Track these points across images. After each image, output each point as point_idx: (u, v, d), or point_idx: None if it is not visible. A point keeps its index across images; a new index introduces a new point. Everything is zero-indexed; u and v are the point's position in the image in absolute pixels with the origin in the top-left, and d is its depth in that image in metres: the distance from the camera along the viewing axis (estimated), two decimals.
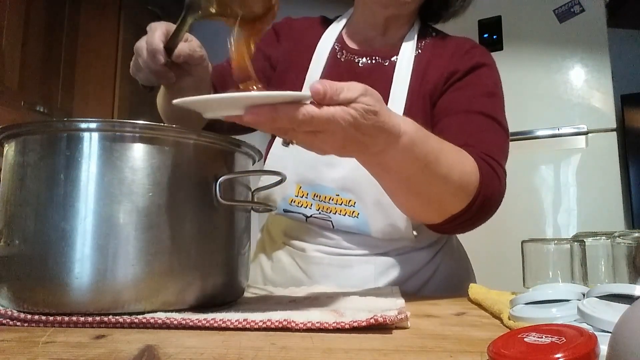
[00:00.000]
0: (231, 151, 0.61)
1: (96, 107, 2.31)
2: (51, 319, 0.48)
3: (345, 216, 0.81)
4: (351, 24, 0.94)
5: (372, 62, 0.88)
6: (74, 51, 2.27)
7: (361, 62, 0.88)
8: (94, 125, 0.51)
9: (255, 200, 0.68)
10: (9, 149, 0.55)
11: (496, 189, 0.72)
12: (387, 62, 0.88)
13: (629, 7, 2.43)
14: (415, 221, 0.81)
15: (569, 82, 2.07)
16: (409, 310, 0.51)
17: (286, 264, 0.87)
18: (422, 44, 0.89)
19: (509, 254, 1.33)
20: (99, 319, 0.48)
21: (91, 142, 0.51)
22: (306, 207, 0.83)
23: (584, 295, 0.49)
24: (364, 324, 0.46)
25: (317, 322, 0.46)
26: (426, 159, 0.60)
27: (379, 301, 0.61)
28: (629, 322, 0.27)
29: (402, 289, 0.80)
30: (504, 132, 0.79)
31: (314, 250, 0.84)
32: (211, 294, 0.56)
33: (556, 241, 0.64)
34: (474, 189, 0.68)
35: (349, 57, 0.90)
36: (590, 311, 0.40)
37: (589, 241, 0.65)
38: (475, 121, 0.77)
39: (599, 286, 0.47)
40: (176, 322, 0.47)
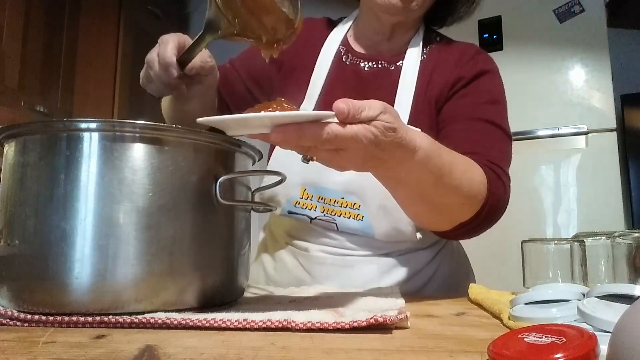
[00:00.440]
0: (231, 151, 0.61)
1: (96, 107, 2.31)
2: (51, 319, 0.48)
3: (349, 219, 0.82)
4: (357, 28, 0.94)
5: (378, 66, 0.88)
6: (74, 51, 2.27)
7: (367, 66, 0.89)
8: (94, 125, 0.51)
9: (255, 200, 0.68)
10: (9, 149, 0.55)
11: (502, 196, 0.74)
12: (392, 67, 0.88)
13: (629, 7, 2.43)
14: (424, 228, 0.82)
15: (569, 82, 2.07)
16: (409, 310, 0.51)
17: (289, 263, 0.87)
18: (427, 49, 0.89)
19: (509, 254, 1.33)
20: (99, 319, 0.48)
21: (91, 142, 0.51)
22: (311, 209, 0.83)
23: (584, 295, 0.49)
24: (364, 324, 0.46)
25: (317, 322, 0.46)
26: (440, 171, 0.62)
27: (379, 301, 0.61)
28: (629, 322, 0.27)
29: (403, 288, 0.80)
30: (508, 138, 0.81)
31: (318, 250, 0.84)
32: (211, 294, 0.56)
33: (556, 241, 0.64)
34: (483, 198, 0.70)
35: (354, 60, 0.90)
36: (590, 311, 0.40)
37: (589, 241, 0.65)
38: (480, 129, 0.79)
39: (599, 286, 0.47)
40: (176, 322, 0.47)
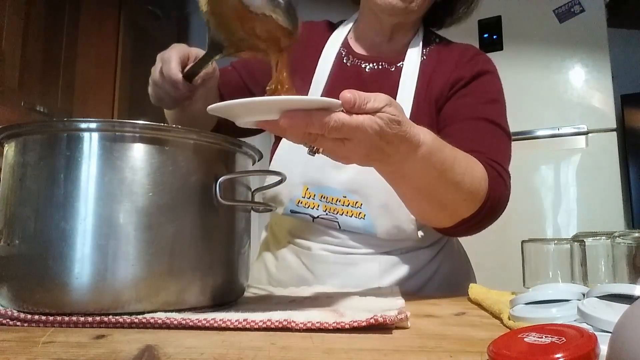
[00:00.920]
0: (231, 151, 0.61)
1: (96, 107, 2.31)
2: (51, 319, 0.48)
3: (351, 217, 0.82)
4: (357, 30, 0.95)
5: (379, 67, 0.89)
6: (74, 51, 2.27)
7: (368, 67, 0.90)
8: (94, 125, 0.51)
9: (255, 200, 0.68)
10: (9, 149, 0.55)
11: (503, 193, 0.74)
12: (393, 68, 0.89)
13: (629, 7, 2.43)
14: (426, 225, 0.83)
15: (569, 82, 2.07)
16: (409, 310, 0.51)
17: (291, 262, 0.88)
18: (427, 50, 0.90)
19: (509, 254, 1.33)
20: (99, 319, 0.48)
21: (91, 142, 0.51)
22: (313, 208, 0.84)
23: (584, 295, 0.49)
24: (364, 324, 0.46)
25: (317, 322, 0.46)
26: (442, 167, 0.63)
27: (379, 301, 0.61)
28: (629, 322, 0.27)
29: (404, 287, 0.81)
30: (507, 137, 0.82)
31: (320, 248, 0.85)
32: (211, 294, 0.56)
33: (556, 241, 0.64)
34: (484, 194, 0.71)
35: (355, 62, 0.91)
36: (590, 311, 0.40)
37: (589, 241, 0.65)
38: (480, 128, 0.80)
39: (599, 286, 0.47)
40: (176, 322, 0.47)
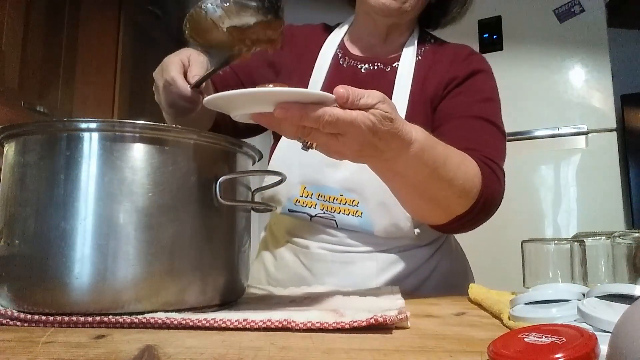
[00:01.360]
0: (231, 151, 0.61)
1: (96, 107, 2.30)
2: (51, 319, 0.48)
3: (349, 216, 0.83)
4: (353, 31, 0.96)
5: (374, 68, 0.91)
6: (74, 51, 2.27)
7: (363, 68, 0.91)
8: (94, 125, 0.51)
9: (255, 200, 0.68)
10: (9, 149, 0.55)
11: (497, 190, 0.75)
12: (388, 68, 0.90)
13: (629, 7, 2.43)
14: (421, 222, 0.83)
15: (569, 82, 2.07)
16: (409, 310, 0.51)
17: (290, 261, 0.88)
18: (422, 50, 0.92)
19: (509, 254, 1.33)
20: (99, 319, 0.48)
21: (91, 142, 0.51)
22: (311, 207, 0.84)
23: (584, 295, 0.49)
24: (364, 324, 0.46)
25: (317, 322, 0.46)
26: (434, 164, 0.63)
27: (379, 301, 0.61)
28: (629, 322, 0.27)
29: (401, 286, 0.81)
30: (502, 134, 0.83)
31: (318, 247, 0.85)
32: (211, 294, 0.56)
33: (556, 241, 0.64)
34: (477, 191, 0.71)
35: (351, 63, 0.92)
36: (590, 311, 0.40)
37: (589, 241, 0.65)
38: (474, 126, 0.80)
39: (599, 286, 0.47)
40: (176, 322, 0.47)
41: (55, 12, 2.15)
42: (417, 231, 0.85)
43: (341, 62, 0.92)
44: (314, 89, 0.88)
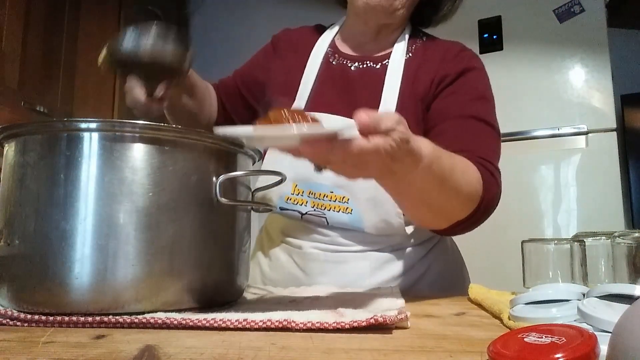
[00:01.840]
0: (231, 151, 0.61)
1: (96, 107, 2.30)
2: (51, 319, 0.48)
3: (339, 212, 0.83)
4: (344, 30, 0.97)
5: (364, 66, 0.91)
6: (74, 51, 2.27)
7: (353, 66, 0.91)
8: (94, 125, 0.51)
9: (254, 200, 0.68)
10: (9, 149, 0.55)
11: (495, 191, 0.75)
12: (378, 66, 0.90)
13: (629, 7, 2.43)
14: (422, 227, 0.83)
15: (569, 82, 2.07)
16: (409, 310, 0.51)
17: (284, 261, 0.88)
18: (413, 47, 0.91)
19: (509, 254, 1.33)
20: (99, 319, 0.48)
21: (91, 142, 0.51)
22: (301, 205, 0.84)
23: (584, 295, 0.49)
24: (364, 324, 0.46)
25: (317, 322, 0.46)
26: (441, 176, 0.63)
27: (379, 301, 0.61)
28: (629, 322, 0.27)
29: (395, 284, 0.81)
30: (496, 133, 0.83)
31: (311, 247, 0.86)
32: (211, 294, 0.56)
33: (556, 241, 0.64)
34: (479, 196, 0.71)
35: (341, 61, 0.92)
36: (590, 311, 0.40)
37: (589, 241, 0.65)
38: (469, 126, 0.80)
39: (599, 286, 0.47)
40: (176, 322, 0.47)
41: (55, 12, 2.15)
42: (409, 229, 0.85)
43: (331, 61, 0.93)
44: (306, 87, 0.90)
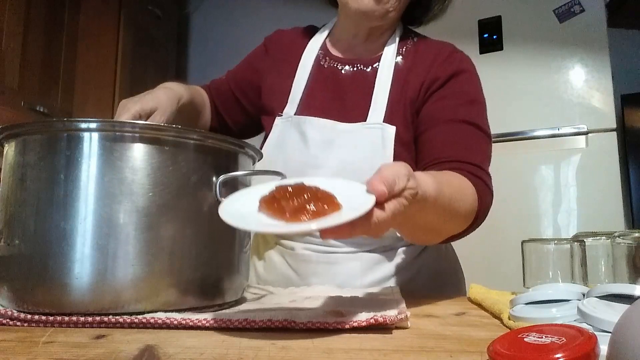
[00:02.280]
0: (232, 151, 0.61)
1: (96, 107, 2.30)
2: (51, 319, 0.48)
3: None
4: (335, 33, 0.97)
5: (355, 69, 0.91)
6: (74, 51, 2.27)
7: (344, 69, 0.91)
8: (94, 125, 0.51)
9: None
10: (9, 149, 0.55)
11: (489, 200, 0.76)
12: (369, 69, 0.90)
13: (629, 7, 2.43)
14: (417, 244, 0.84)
15: (569, 82, 2.07)
16: (409, 310, 0.51)
17: (277, 262, 0.89)
18: (404, 49, 0.91)
19: (509, 254, 1.33)
20: (99, 319, 0.48)
21: (91, 142, 0.51)
22: None
23: (584, 295, 0.49)
24: (364, 324, 0.46)
25: (318, 322, 0.46)
26: (442, 207, 0.63)
27: (379, 301, 0.61)
28: (629, 322, 0.27)
29: (387, 285, 0.81)
30: (487, 137, 0.83)
31: (303, 248, 0.86)
32: (211, 294, 0.56)
33: (556, 241, 0.64)
34: (475, 212, 0.72)
35: (331, 64, 0.92)
36: (590, 311, 0.40)
37: (589, 241, 0.65)
38: (459, 131, 0.80)
39: (599, 286, 0.47)
40: (176, 322, 0.47)
41: (55, 12, 2.15)
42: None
43: (322, 63, 0.93)
44: (298, 89, 0.89)
